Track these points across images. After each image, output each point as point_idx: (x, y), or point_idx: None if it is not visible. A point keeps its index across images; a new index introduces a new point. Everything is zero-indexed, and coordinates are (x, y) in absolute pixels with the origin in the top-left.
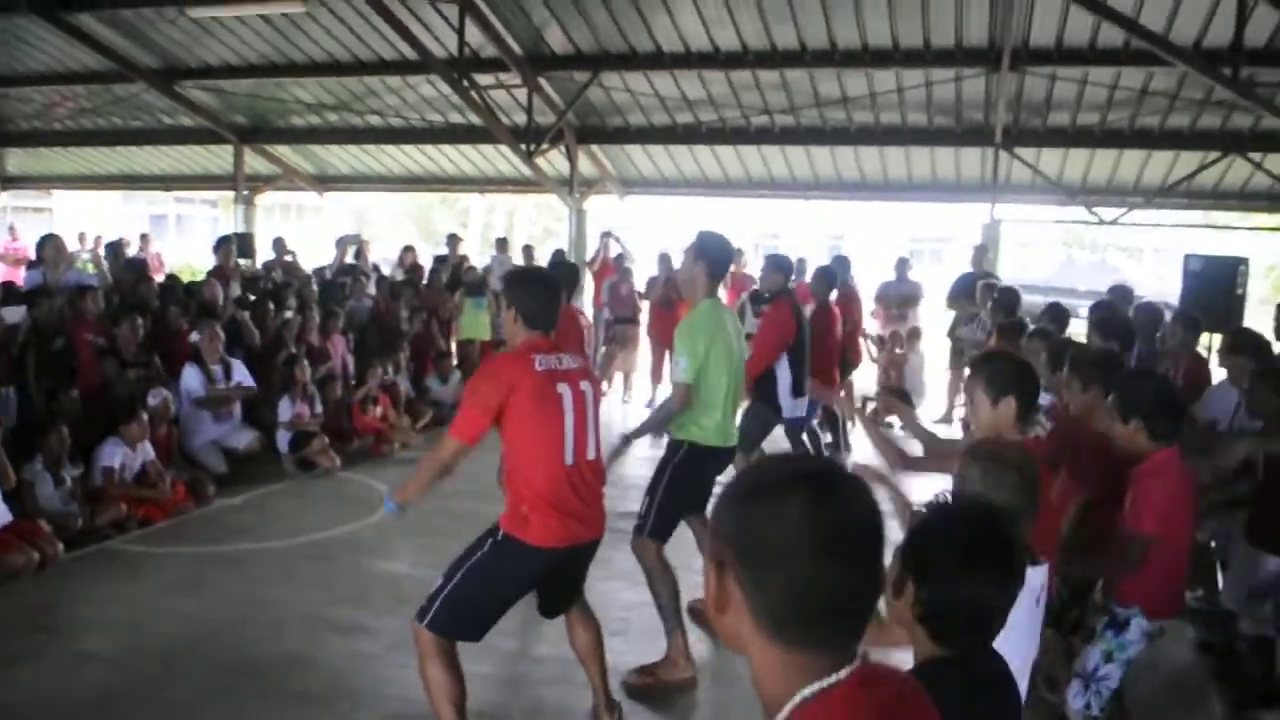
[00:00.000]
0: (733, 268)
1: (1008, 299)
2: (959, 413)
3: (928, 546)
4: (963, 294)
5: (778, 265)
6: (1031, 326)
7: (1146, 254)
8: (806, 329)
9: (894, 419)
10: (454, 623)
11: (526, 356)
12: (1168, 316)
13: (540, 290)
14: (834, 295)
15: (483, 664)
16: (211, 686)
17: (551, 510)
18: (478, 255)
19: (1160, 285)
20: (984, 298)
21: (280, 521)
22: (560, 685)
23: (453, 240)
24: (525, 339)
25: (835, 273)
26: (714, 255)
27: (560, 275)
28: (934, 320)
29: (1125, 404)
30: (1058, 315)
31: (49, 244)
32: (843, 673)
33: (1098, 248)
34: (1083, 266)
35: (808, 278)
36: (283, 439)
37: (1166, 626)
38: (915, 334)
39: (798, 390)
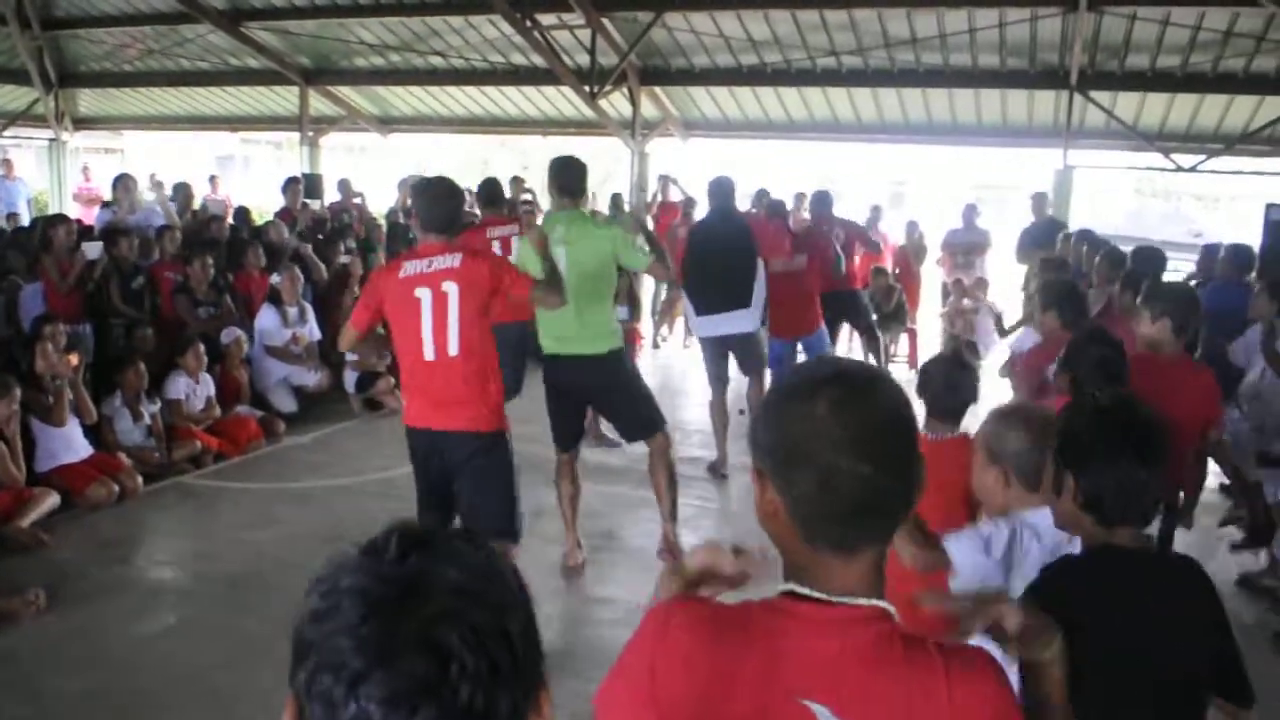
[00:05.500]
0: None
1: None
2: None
3: (1080, 438)
4: (1033, 246)
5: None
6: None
7: (1223, 202)
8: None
9: None
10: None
11: (395, 264)
12: None
13: (430, 197)
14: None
15: (550, 604)
16: (284, 618)
17: (411, 394)
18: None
19: (1237, 235)
20: (1069, 250)
21: (347, 459)
22: (625, 628)
23: (515, 182)
24: (421, 240)
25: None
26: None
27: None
28: (1001, 270)
29: None
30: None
31: (120, 183)
32: (830, 596)
33: (1171, 196)
34: (1155, 215)
35: (881, 225)
36: (350, 378)
37: None
38: (981, 284)
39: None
